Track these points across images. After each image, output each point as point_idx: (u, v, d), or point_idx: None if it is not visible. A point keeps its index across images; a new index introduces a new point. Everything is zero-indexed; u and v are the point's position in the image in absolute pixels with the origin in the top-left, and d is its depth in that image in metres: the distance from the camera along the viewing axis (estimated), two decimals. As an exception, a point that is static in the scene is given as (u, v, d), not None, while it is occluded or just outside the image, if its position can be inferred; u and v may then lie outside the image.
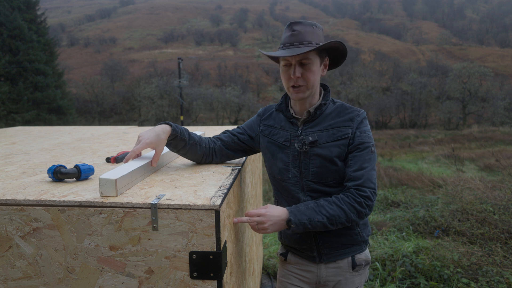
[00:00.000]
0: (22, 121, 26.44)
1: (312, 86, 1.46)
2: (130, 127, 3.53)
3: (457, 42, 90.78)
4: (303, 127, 1.51)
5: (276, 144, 1.55)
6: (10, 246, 1.14)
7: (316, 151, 1.46)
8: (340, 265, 1.55)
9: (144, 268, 1.12)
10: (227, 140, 1.64)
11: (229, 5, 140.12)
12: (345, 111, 1.49)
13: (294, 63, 1.43)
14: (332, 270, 1.56)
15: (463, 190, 5.32)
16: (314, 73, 1.44)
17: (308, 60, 1.42)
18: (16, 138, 2.69)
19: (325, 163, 1.45)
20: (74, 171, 1.34)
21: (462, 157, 12.65)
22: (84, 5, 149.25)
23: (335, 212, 1.37)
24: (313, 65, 1.44)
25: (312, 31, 1.43)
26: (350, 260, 1.55)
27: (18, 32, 27.43)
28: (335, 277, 1.56)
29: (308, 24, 1.45)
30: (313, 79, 1.44)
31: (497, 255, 3.46)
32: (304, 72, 1.43)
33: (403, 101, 49.28)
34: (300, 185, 1.50)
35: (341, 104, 1.54)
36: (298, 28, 1.43)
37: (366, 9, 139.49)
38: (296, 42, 1.41)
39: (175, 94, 41.31)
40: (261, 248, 3.13)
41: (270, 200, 7.05)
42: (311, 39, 1.42)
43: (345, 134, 1.45)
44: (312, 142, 1.46)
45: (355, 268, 1.55)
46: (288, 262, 1.67)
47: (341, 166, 1.46)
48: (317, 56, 1.44)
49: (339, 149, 1.44)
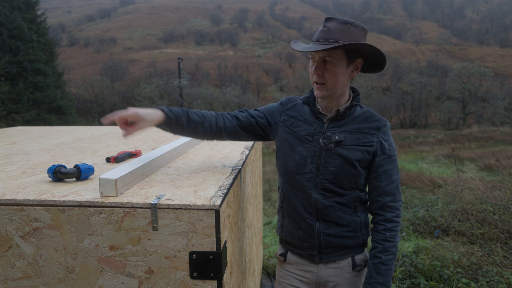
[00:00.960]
0: (22, 121, 26.42)
1: (333, 86, 1.40)
2: (130, 127, 3.53)
3: (457, 42, 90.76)
4: (329, 124, 1.47)
5: (297, 137, 1.50)
6: (10, 246, 1.14)
7: (339, 151, 1.43)
8: (340, 265, 1.54)
9: (144, 268, 1.12)
10: (244, 121, 1.56)
11: (229, 5, 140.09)
12: (372, 118, 1.48)
13: (317, 60, 1.38)
14: (332, 270, 1.54)
15: (463, 190, 5.32)
16: (336, 74, 1.38)
17: (332, 59, 1.36)
18: (16, 138, 2.69)
19: (345, 165, 1.44)
20: (74, 171, 1.34)
21: (462, 157, 12.65)
22: (84, 5, 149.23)
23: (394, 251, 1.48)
24: (336, 66, 1.37)
25: (344, 29, 1.34)
26: (350, 260, 1.55)
27: (18, 32, 27.41)
28: (335, 277, 1.55)
29: (342, 22, 1.36)
30: (334, 80, 1.38)
31: (497, 255, 3.46)
32: (325, 71, 1.38)
33: (403, 101, 49.27)
34: (314, 182, 1.47)
35: (368, 110, 1.52)
36: (329, 25, 1.36)
37: (366, 9, 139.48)
38: (323, 38, 1.35)
39: (175, 94, 41.30)
40: (261, 248, 3.13)
41: (271, 200, 7.03)
42: (340, 37, 1.33)
43: (370, 141, 1.44)
44: (338, 141, 1.43)
45: (355, 268, 1.55)
46: (288, 262, 1.64)
47: (360, 172, 1.46)
48: (344, 56, 1.37)
49: (361, 154, 1.44)
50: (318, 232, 1.50)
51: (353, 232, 1.52)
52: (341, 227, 1.49)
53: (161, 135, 2.78)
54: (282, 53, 77.02)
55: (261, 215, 3.07)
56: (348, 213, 1.50)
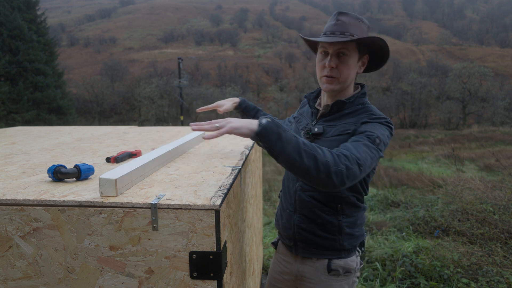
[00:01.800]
0: (22, 121, 26.44)
1: (345, 80, 1.41)
2: (130, 127, 3.53)
3: (457, 42, 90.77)
4: (319, 119, 1.49)
5: (297, 131, 1.57)
6: (10, 246, 1.14)
7: (318, 144, 1.37)
8: (316, 265, 1.51)
9: (144, 268, 1.12)
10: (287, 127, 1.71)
11: (229, 5, 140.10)
12: (365, 113, 1.41)
13: (332, 52, 1.38)
14: (308, 267, 1.53)
15: (463, 190, 5.33)
16: (349, 67, 1.39)
17: (347, 52, 1.37)
18: (16, 138, 2.69)
19: None
20: (74, 171, 1.34)
21: (462, 157, 12.65)
22: (84, 5, 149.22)
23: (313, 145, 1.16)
24: (350, 59, 1.39)
25: (357, 24, 1.39)
26: (326, 262, 1.49)
27: (18, 32, 27.42)
28: (310, 275, 1.52)
29: (354, 17, 1.40)
30: (347, 73, 1.40)
31: (497, 255, 3.46)
32: (340, 64, 1.39)
33: (403, 101, 49.29)
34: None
35: (368, 107, 1.46)
36: (343, 19, 1.39)
37: (366, 9, 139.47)
38: (338, 31, 1.36)
39: (175, 94, 41.32)
40: (261, 248, 3.13)
41: (271, 200, 7.05)
42: (354, 31, 1.37)
43: (347, 130, 1.38)
44: (317, 134, 1.43)
45: (330, 272, 1.48)
46: (277, 251, 1.71)
47: None
48: (356, 50, 1.40)
49: (339, 144, 1.33)
50: (294, 224, 1.52)
51: (328, 234, 1.46)
52: (315, 225, 1.47)
53: (161, 135, 2.78)
54: (282, 53, 77.06)
55: (261, 215, 3.07)
56: (326, 212, 1.45)
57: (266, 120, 1.14)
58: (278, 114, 43.63)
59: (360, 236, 1.55)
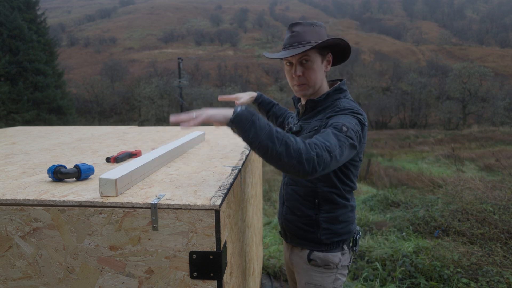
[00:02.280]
0: (22, 121, 26.42)
1: (314, 83, 1.50)
2: (130, 127, 3.53)
3: (457, 42, 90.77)
4: (300, 118, 1.61)
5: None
6: (10, 246, 1.14)
7: None
8: (300, 254, 1.62)
9: (144, 268, 1.12)
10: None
11: (229, 5, 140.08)
12: (331, 109, 1.47)
13: (295, 63, 1.49)
14: (295, 255, 1.65)
15: (463, 190, 5.32)
16: (315, 71, 1.48)
17: (309, 58, 1.46)
18: (16, 138, 2.69)
19: None
20: (74, 171, 1.34)
21: (462, 157, 12.65)
22: (84, 5, 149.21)
23: (285, 134, 1.16)
24: (314, 63, 1.48)
25: (311, 30, 1.47)
26: (307, 253, 1.58)
27: (18, 32, 27.39)
28: (296, 263, 1.64)
29: (307, 24, 1.49)
30: (314, 77, 1.49)
31: (497, 255, 3.46)
32: (305, 71, 1.48)
33: (403, 101, 49.30)
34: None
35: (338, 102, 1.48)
36: (297, 29, 1.47)
37: (366, 9, 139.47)
38: (295, 42, 1.46)
39: (175, 94, 41.30)
40: (261, 248, 3.13)
41: (271, 200, 7.05)
42: (310, 38, 1.45)
43: (314, 127, 1.47)
44: (295, 132, 1.55)
45: (310, 262, 1.57)
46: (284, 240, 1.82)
47: None
48: (317, 54, 1.48)
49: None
50: (281, 215, 1.69)
51: (307, 226, 1.56)
52: (295, 216, 1.60)
53: (161, 135, 2.78)
54: (282, 53, 76.84)
55: (261, 215, 3.07)
56: (305, 206, 1.56)
57: (241, 108, 1.15)
58: (278, 114, 43.54)
59: (345, 234, 1.57)
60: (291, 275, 1.83)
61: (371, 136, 32.88)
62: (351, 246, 1.62)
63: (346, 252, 1.60)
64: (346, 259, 1.60)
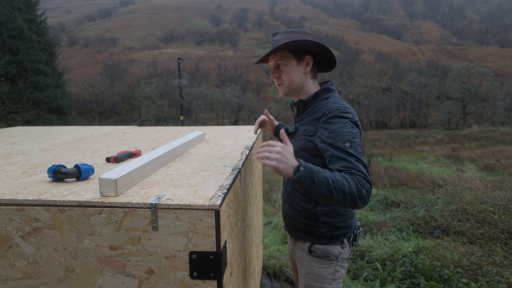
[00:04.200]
0: (22, 121, 26.42)
1: (290, 83, 1.62)
2: (130, 127, 3.53)
3: (457, 42, 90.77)
4: (296, 119, 1.72)
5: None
6: (10, 246, 1.14)
7: (292, 141, 1.64)
8: (302, 246, 1.69)
9: (144, 268, 1.12)
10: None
11: (229, 5, 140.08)
12: (319, 110, 1.56)
13: (272, 66, 1.65)
14: (297, 248, 1.72)
15: (463, 190, 5.32)
16: (288, 73, 1.60)
17: (282, 61, 1.60)
18: (16, 138, 2.69)
19: (296, 153, 1.49)
20: (74, 171, 1.34)
21: (462, 157, 12.66)
22: (84, 5, 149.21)
23: (339, 178, 1.29)
24: (287, 66, 1.60)
25: (288, 36, 1.58)
26: (308, 245, 1.65)
27: (18, 32, 27.39)
28: (298, 255, 1.72)
29: (285, 32, 1.61)
30: (289, 78, 1.60)
31: (497, 255, 3.46)
32: (281, 73, 1.62)
33: (403, 101, 49.29)
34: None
35: (325, 103, 1.57)
36: (275, 38, 1.62)
37: (366, 9, 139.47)
38: (272, 49, 1.59)
39: (175, 94, 41.30)
40: (261, 248, 3.13)
41: (271, 200, 7.05)
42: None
43: (310, 132, 1.56)
44: (291, 132, 1.67)
45: (311, 253, 1.64)
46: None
47: (307, 158, 1.54)
48: (291, 56, 1.59)
49: (305, 142, 1.57)
50: (284, 211, 1.79)
51: (307, 220, 1.64)
52: (296, 211, 1.68)
53: (161, 135, 2.78)
54: (282, 53, 76.85)
55: (261, 215, 3.07)
56: (305, 201, 1.64)
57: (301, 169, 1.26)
58: (278, 114, 43.61)
59: (344, 228, 1.63)
60: (294, 266, 1.91)
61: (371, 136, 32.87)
62: (351, 241, 1.68)
63: (346, 246, 1.66)
64: (346, 252, 1.66)
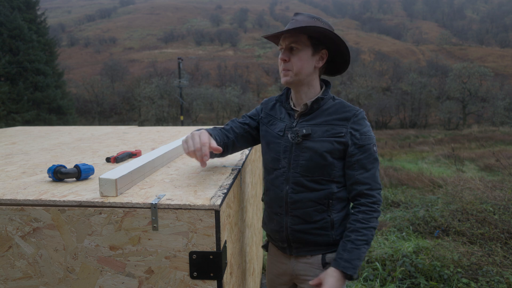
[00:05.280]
0: (22, 121, 26.42)
1: (298, 71, 1.45)
2: (130, 127, 3.53)
3: (457, 42, 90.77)
4: (299, 119, 1.51)
5: (272, 134, 1.56)
6: (10, 246, 1.14)
7: (308, 144, 1.45)
8: (311, 261, 1.54)
9: (144, 268, 1.12)
10: (239, 132, 1.62)
11: (229, 5, 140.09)
12: (343, 109, 1.48)
13: (284, 47, 1.45)
14: (303, 265, 1.56)
15: (463, 190, 5.32)
16: (301, 60, 1.43)
17: (297, 45, 1.43)
18: (16, 138, 2.69)
19: (315, 157, 1.44)
20: (74, 171, 1.33)
21: (462, 157, 12.65)
22: (84, 5, 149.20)
23: (366, 234, 1.43)
24: (301, 52, 1.43)
25: (311, 21, 1.43)
26: (320, 257, 1.53)
27: (18, 32, 27.40)
28: (305, 271, 1.56)
29: (309, 16, 1.46)
30: (299, 65, 1.44)
31: (497, 255, 3.46)
32: (292, 57, 1.44)
33: (403, 101, 49.30)
34: (286, 176, 1.50)
35: (340, 101, 1.52)
36: (297, 17, 1.46)
37: (366, 9, 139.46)
38: (291, 28, 1.41)
39: (175, 94, 41.30)
40: (261, 248, 3.13)
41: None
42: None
43: (338, 132, 1.44)
44: (306, 135, 1.46)
45: (325, 266, 1.52)
46: (270, 253, 1.73)
47: (330, 162, 1.45)
48: (308, 44, 1.44)
49: (331, 145, 1.44)
50: (286, 226, 1.53)
51: (322, 230, 1.50)
52: (308, 224, 1.50)
53: (161, 135, 2.78)
54: (282, 53, 76.83)
55: (261, 215, 3.07)
56: (319, 210, 1.49)
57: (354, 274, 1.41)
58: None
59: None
60: None
61: (371, 136, 32.71)
62: None
63: None
64: None
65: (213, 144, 1.34)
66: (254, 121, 1.65)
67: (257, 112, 1.68)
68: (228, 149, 1.59)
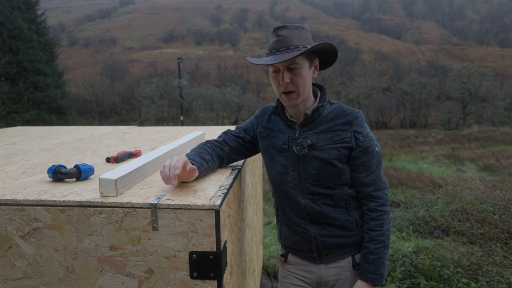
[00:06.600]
0: (22, 121, 26.42)
1: (303, 91, 1.42)
2: (130, 127, 3.53)
3: (457, 42, 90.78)
4: (301, 130, 1.49)
5: (274, 147, 1.54)
6: (10, 246, 1.14)
7: (315, 154, 1.44)
8: (341, 264, 1.55)
9: (144, 268, 1.12)
10: (233, 146, 1.60)
11: (229, 5, 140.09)
12: (343, 113, 1.47)
13: (282, 69, 1.40)
14: (333, 269, 1.56)
15: (463, 190, 5.32)
16: (303, 78, 1.40)
17: (297, 65, 1.38)
18: (16, 138, 2.69)
19: (325, 166, 1.45)
20: (74, 171, 1.33)
21: (462, 157, 12.65)
22: (84, 5, 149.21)
23: (382, 240, 1.49)
24: (302, 70, 1.39)
25: (298, 34, 1.39)
26: (351, 259, 1.54)
27: (18, 32, 27.41)
28: (335, 276, 1.56)
29: (294, 28, 1.40)
30: (303, 84, 1.41)
31: (497, 255, 3.46)
32: (293, 77, 1.40)
33: (403, 101, 49.30)
34: (299, 188, 1.50)
35: (338, 106, 1.52)
36: (284, 33, 1.38)
37: (366, 9, 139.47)
38: (282, 47, 1.37)
39: (175, 94, 41.30)
40: (261, 248, 3.13)
41: (271, 200, 7.05)
42: (298, 42, 1.38)
43: (344, 138, 1.44)
44: (311, 145, 1.45)
45: (355, 267, 1.53)
46: (289, 263, 1.66)
47: (341, 168, 1.46)
48: (305, 59, 1.41)
49: (338, 151, 1.44)
50: (314, 236, 1.52)
51: (349, 231, 1.52)
52: (335, 228, 1.51)
53: (161, 135, 2.78)
54: (282, 53, 76.82)
55: (261, 215, 3.07)
56: (340, 213, 1.50)
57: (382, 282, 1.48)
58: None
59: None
60: None
61: (371, 136, 32.72)
62: None
63: None
64: None
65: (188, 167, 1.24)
66: (248, 135, 1.63)
67: (252, 126, 1.64)
68: (224, 161, 1.59)
